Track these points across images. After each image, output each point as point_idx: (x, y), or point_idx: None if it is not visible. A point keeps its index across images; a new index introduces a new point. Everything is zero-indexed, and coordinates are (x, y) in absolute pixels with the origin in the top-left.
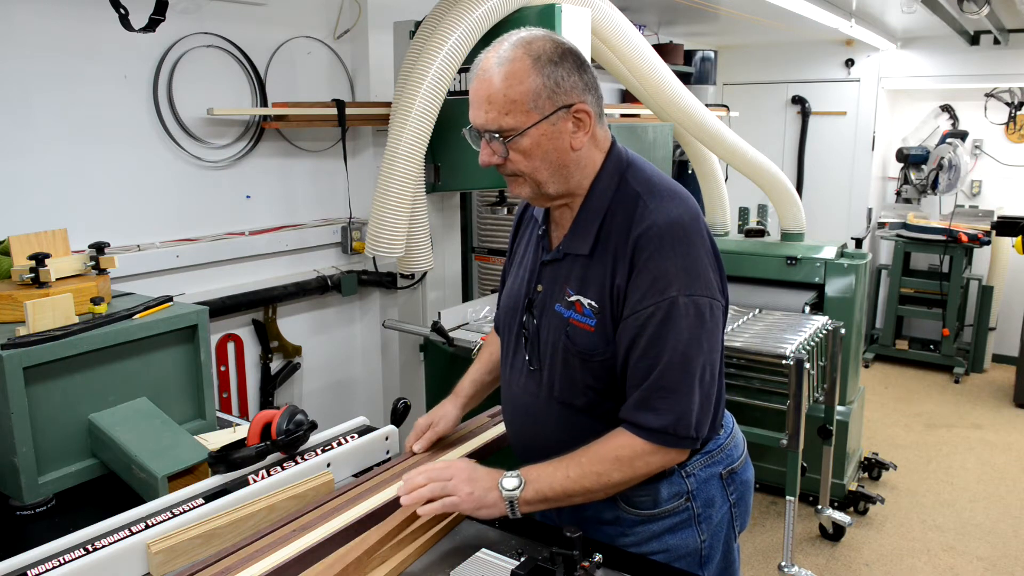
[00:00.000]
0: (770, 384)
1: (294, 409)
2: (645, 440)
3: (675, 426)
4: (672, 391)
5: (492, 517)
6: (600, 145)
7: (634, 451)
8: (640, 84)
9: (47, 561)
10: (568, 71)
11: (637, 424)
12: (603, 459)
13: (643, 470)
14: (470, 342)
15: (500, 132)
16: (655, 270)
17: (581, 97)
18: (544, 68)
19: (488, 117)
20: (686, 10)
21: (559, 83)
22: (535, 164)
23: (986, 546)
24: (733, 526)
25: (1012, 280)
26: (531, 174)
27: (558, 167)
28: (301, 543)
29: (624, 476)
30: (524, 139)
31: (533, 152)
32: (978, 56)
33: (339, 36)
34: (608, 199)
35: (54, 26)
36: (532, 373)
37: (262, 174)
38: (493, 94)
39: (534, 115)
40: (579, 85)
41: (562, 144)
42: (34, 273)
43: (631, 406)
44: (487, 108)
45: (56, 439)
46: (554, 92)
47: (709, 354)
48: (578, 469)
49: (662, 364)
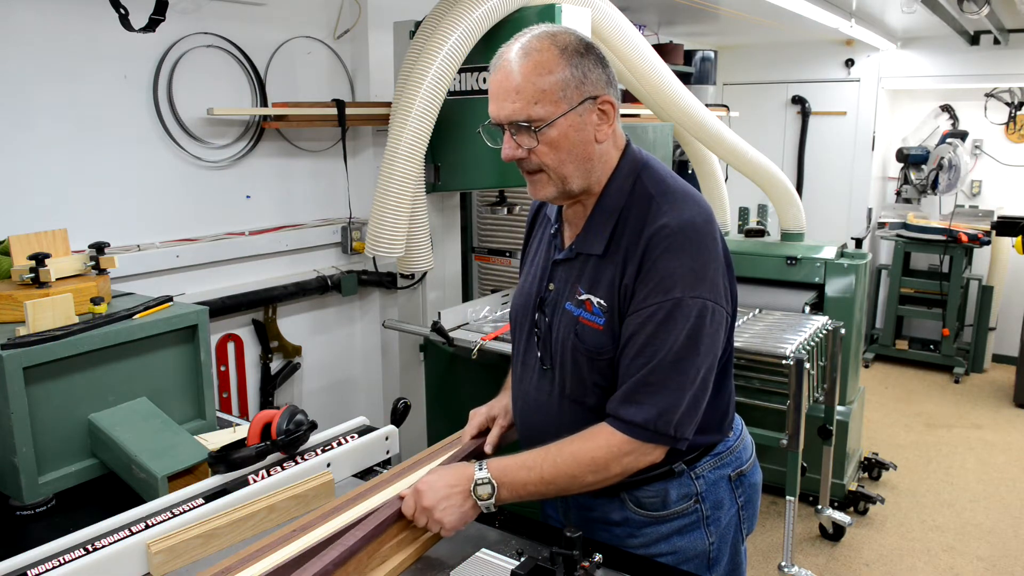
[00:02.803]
0: (770, 384)
1: (294, 409)
2: (624, 436)
3: (656, 421)
4: (659, 387)
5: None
6: (617, 143)
7: (610, 452)
8: (640, 84)
9: (47, 561)
10: (593, 63)
11: (619, 418)
12: (579, 462)
13: (617, 471)
14: (470, 342)
15: (530, 122)
16: (663, 270)
17: (606, 90)
18: (572, 58)
19: (515, 108)
20: (686, 10)
21: (586, 74)
22: (562, 156)
23: (986, 546)
24: (741, 529)
25: (1012, 280)
26: (557, 167)
27: (583, 159)
28: (301, 543)
29: (597, 479)
30: (552, 129)
31: (560, 143)
32: (978, 56)
33: (339, 36)
34: (623, 199)
35: (54, 26)
36: (544, 371)
37: (262, 174)
38: (521, 84)
39: (563, 105)
40: (603, 78)
41: (587, 136)
42: (34, 273)
43: (617, 399)
44: (515, 99)
45: (56, 439)
46: (582, 83)
47: (704, 358)
48: (553, 470)
49: (655, 361)
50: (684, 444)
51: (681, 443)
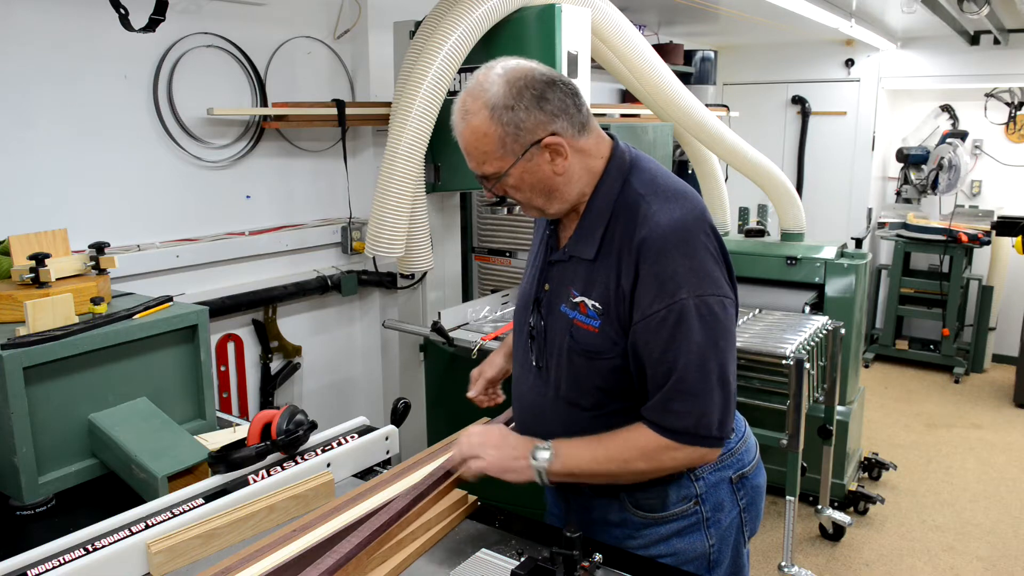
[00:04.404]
0: (770, 384)
1: (294, 409)
2: (669, 439)
3: (696, 427)
4: (691, 395)
5: (517, 482)
6: (595, 153)
7: (659, 446)
8: (640, 84)
9: (47, 561)
10: (526, 111)
11: (659, 424)
12: (630, 448)
13: (669, 463)
14: (470, 342)
15: (485, 177)
16: (661, 274)
17: (548, 129)
18: (501, 116)
19: (473, 165)
20: (686, 10)
21: (519, 125)
22: (527, 195)
23: (986, 546)
24: (743, 531)
25: (1012, 280)
26: (528, 201)
27: (548, 192)
28: (301, 543)
29: (649, 466)
30: (508, 178)
31: (521, 186)
32: (978, 56)
33: (339, 36)
34: (611, 202)
35: (54, 26)
36: (539, 372)
37: (262, 174)
38: (468, 148)
39: (508, 159)
40: (542, 119)
41: (544, 174)
42: (34, 273)
43: (652, 407)
44: (468, 159)
45: (56, 439)
46: (517, 135)
47: (725, 352)
48: (605, 453)
49: (679, 368)
50: (730, 436)
51: (725, 440)
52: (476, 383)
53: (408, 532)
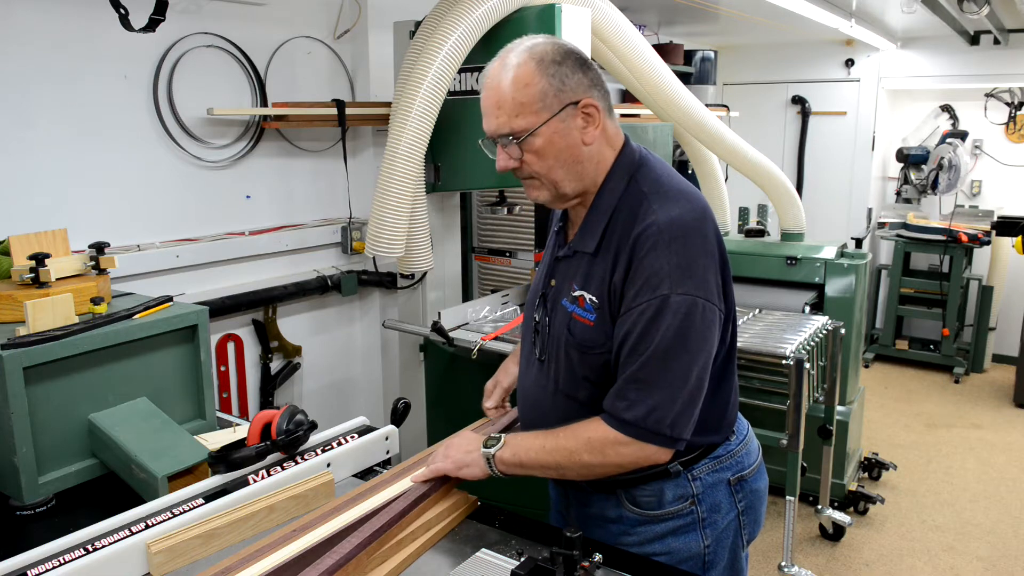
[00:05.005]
0: (770, 384)
1: (294, 409)
2: (617, 431)
3: (646, 419)
4: (647, 384)
5: (473, 477)
6: (611, 142)
7: (606, 438)
8: (640, 84)
9: (47, 561)
10: (571, 69)
11: (611, 413)
12: (578, 439)
13: (615, 459)
14: (470, 342)
15: (513, 134)
16: (649, 268)
17: (587, 93)
18: (548, 68)
19: (500, 122)
20: (686, 10)
21: (564, 81)
22: (549, 163)
23: (986, 546)
24: (741, 534)
25: (1012, 280)
26: (546, 174)
27: (572, 163)
28: (301, 543)
29: (595, 459)
30: (536, 139)
31: (546, 151)
32: (978, 56)
33: (339, 36)
34: (616, 199)
35: (54, 26)
36: (541, 365)
37: (262, 174)
38: (502, 99)
39: (543, 114)
40: (584, 82)
41: (574, 140)
42: (34, 273)
43: (610, 394)
44: (497, 114)
45: (56, 439)
46: (560, 90)
47: (694, 354)
48: (554, 443)
49: (643, 357)
50: (682, 444)
51: (679, 443)
52: (492, 394)
53: (408, 532)
